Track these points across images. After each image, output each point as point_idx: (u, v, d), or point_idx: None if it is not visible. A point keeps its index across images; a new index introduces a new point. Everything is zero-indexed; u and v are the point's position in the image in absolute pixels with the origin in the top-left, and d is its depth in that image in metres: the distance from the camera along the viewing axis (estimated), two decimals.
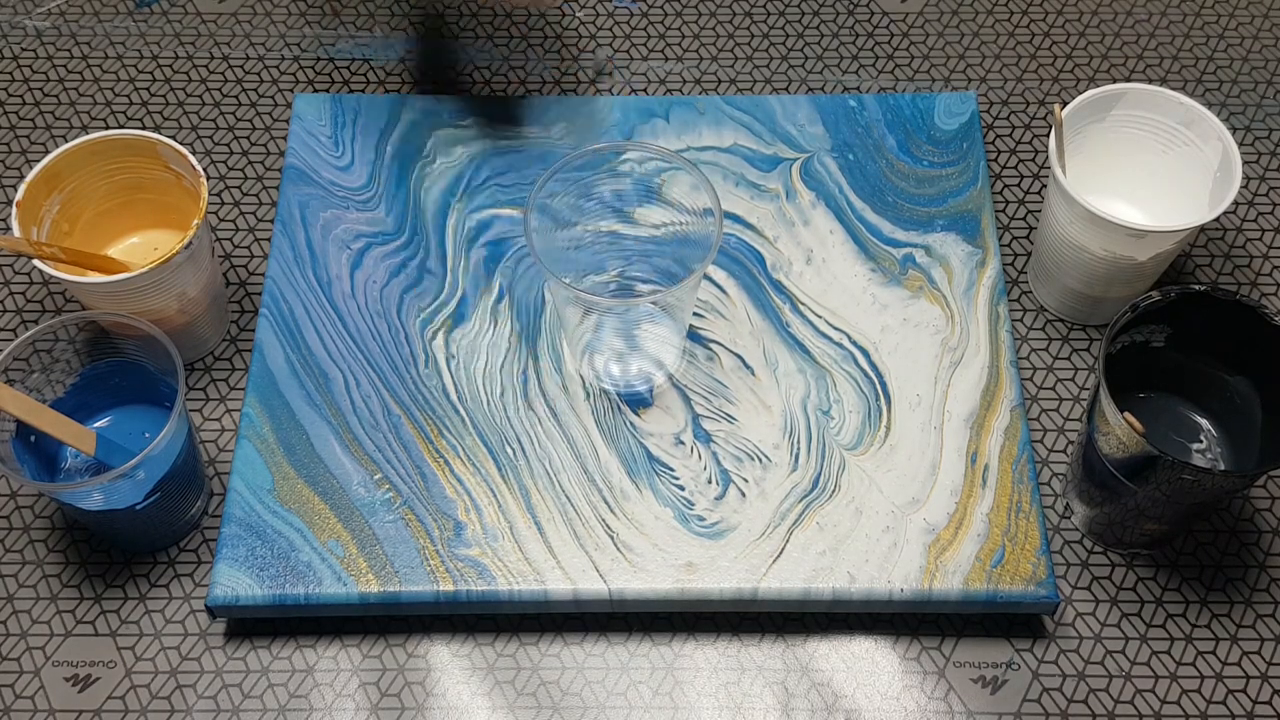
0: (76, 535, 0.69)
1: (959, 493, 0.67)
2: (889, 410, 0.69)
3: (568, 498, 0.66)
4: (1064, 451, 0.71)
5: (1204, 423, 0.68)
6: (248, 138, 0.82)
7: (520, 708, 0.64)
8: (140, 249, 0.73)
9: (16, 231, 0.67)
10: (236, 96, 0.83)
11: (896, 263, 0.73)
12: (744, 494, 0.67)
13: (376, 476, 0.67)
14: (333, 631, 0.66)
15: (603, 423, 0.69)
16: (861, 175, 0.76)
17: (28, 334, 0.64)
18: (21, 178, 0.76)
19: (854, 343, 0.71)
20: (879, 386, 0.70)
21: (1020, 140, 0.82)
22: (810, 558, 0.65)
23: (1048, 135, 0.80)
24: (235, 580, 0.64)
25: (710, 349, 0.71)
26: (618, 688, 0.65)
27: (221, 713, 0.64)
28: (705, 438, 0.68)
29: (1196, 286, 0.63)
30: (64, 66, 0.84)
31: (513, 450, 0.68)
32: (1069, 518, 0.69)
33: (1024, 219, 0.79)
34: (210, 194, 0.79)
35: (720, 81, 0.84)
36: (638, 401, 0.69)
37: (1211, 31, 0.87)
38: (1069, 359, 0.74)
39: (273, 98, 0.83)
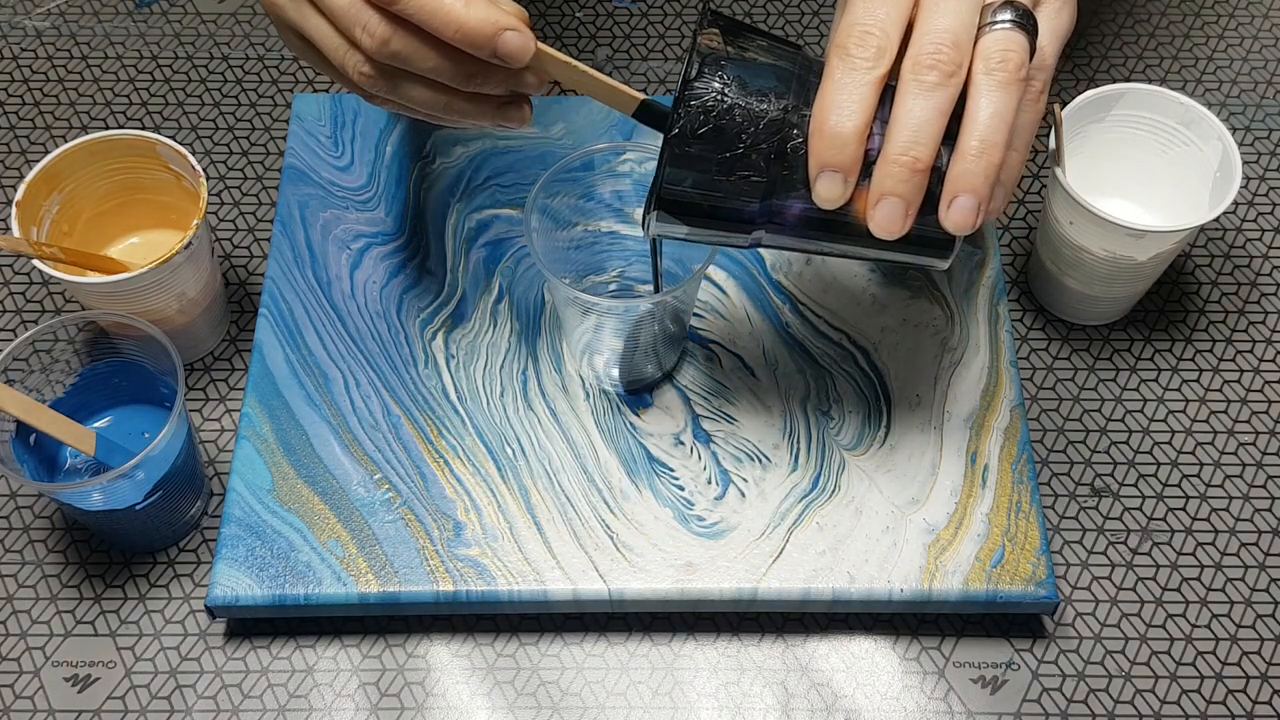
0: (76, 535, 0.69)
1: (959, 493, 0.67)
2: (889, 410, 0.69)
3: (567, 498, 0.66)
4: (1064, 452, 0.71)
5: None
6: (248, 138, 0.82)
7: (520, 708, 0.64)
8: (140, 249, 0.73)
9: (16, 231, 0.67)
10: (236, 96, 0.83)
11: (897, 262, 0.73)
12: (744, 494, 0.67)
13: (376, 476, 0.67)
14: (332, 631, 0.66)
15: (602, 423, 0.69)
16: None
17: (27, 334, 0.64)
18: (21, 178, 0.76)
19: (854, 343, 0.71)
20: (879, 386, 0.70)
21: None
22: (810, 558, 0.65)
23: (1048, 135, 0.80)
24: (235, 580, 0.64)
25: (710, 349, 0.71)
26: (618, 688, 0.65)
27: (221, 713, 0.64)
28: (705, 438, 0.68)
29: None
30: (64, 66, 0.84)
31: (512, 450, 0.68)
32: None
33: (1024, 219, 0.79)
34: (210, 194, 0.79)
35: None
36: (637, 402, 0.69)
37: (1211, 31, 0.87)
38: (1069, 359, 0.74)
39: (273, 98, 0.83)
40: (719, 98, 0.52)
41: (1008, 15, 0.53)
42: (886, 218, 0.52)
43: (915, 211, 0.52)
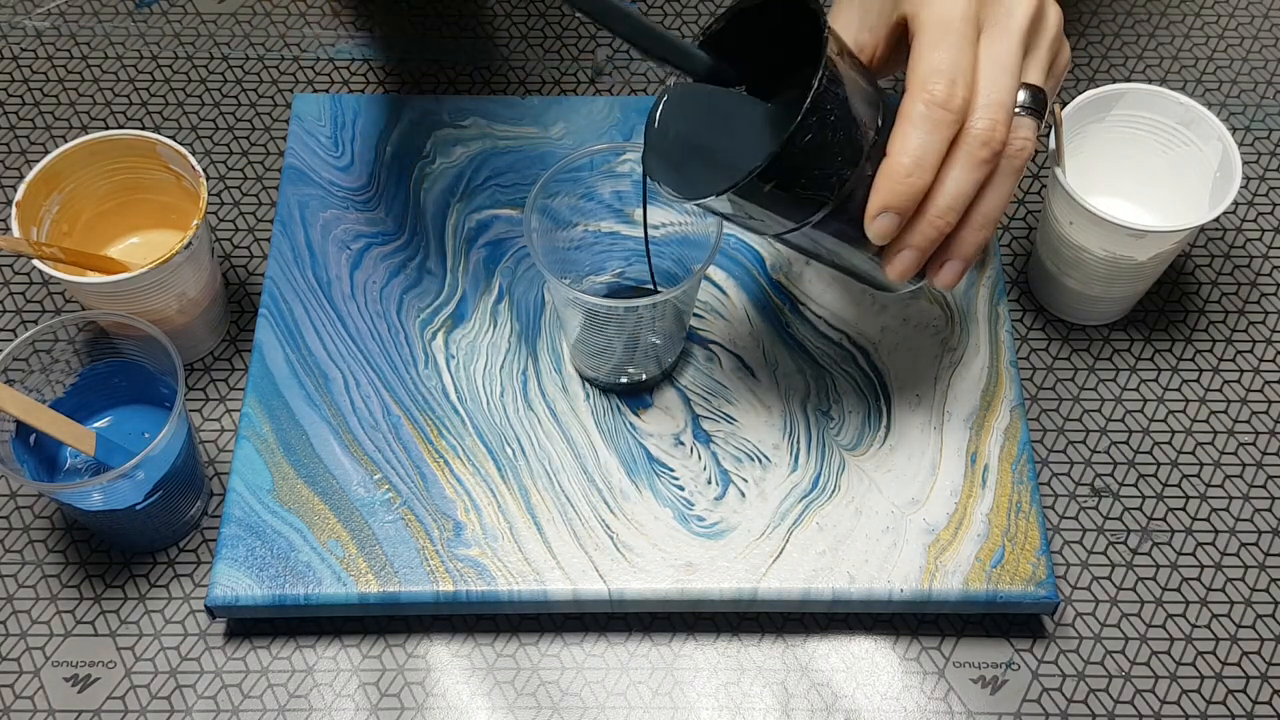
0: (76, 535, 0.69)
1: (959, 493, 0.67)
2: (889, 410, 0.69)
3: (567, 498, 0.66)
4: (1064, 452, 0.71)
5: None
6: (248, 138, 0.82)
7: (520, 708, 0.64)
8: (140, 249, 0.73)
9: (16, 231, 0.67)
10: (236, 96, 0.83)
11: None
12: (744, 494, 0.67)
13: (376, 476, 0.67)
14: (332, 631, 0.66)
15: (602, 423, 0.69)
16: None
17: (27, 334, 0.64)
18: (21, 178, 0.76)
19: (854, 343, 0.71)
20: (879, 387, 0.70)
21: None
22: (810, 558, 0.65)
23: (1048, 135, 0.80)
24: (235, 580, 0.64)
25: (710, 349, 0.71)
26: (617, 688, 0.65)
27: (221, 713, 0.64)
28: (705, 438, 0.68)
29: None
30: (64, 66, 0.84)
31: (512, 450, 0.68)
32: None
33: (1024, 219, 0.79)
34: (210, 194, 0.79)
35: None
36: (637, 402, 0.69)
37: (1211, 31, 0.87)
38: (1069, 359, 0.74)
39: (273, 98, 0.83)
40: (830, 115, 0.52)
41: (1024, 99, 0.56)
42: (904, 265, 0.56)
43: (924, 262, 0.57)
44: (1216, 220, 0.77)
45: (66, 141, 0.75)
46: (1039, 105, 0.56)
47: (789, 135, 0.51)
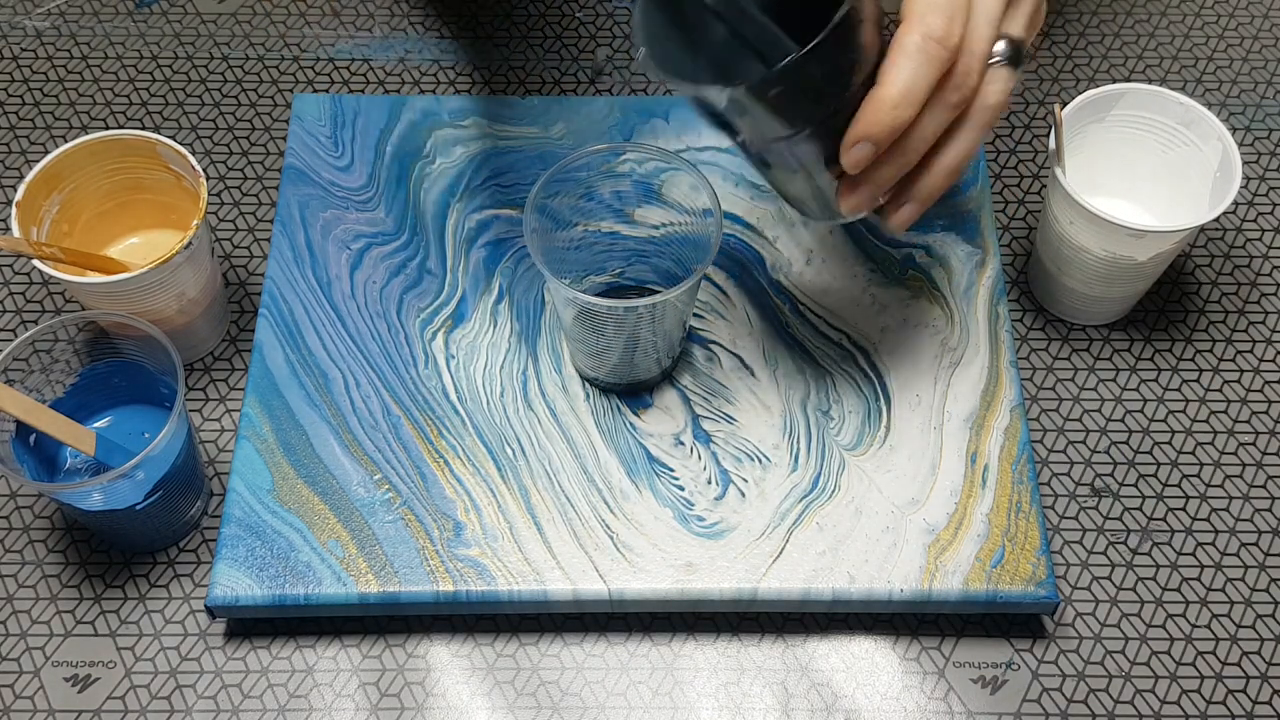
0: (76, 535, 0.69)
1: (959, 493, 0.67)
2: (889, 410, 0.69)
3: (567, 498, 0.66)
4: (1064, 452, 0.71)
5: None
6: (248, 138, 0.82)
7: (520, 708, 0.64)
8: (140, 249, 0.73)
9: (16, 232, 0.67)
10: (236, 96, 0.83)
11: (896, 263, 0.73)
12: (744, 494, 0.67)
13: (376, 477, 0.67)
14: (332, 631, 0.66)
15: (602, 423, 0.69)
16: None
17: (27, 334, 0.64)
18: (21, 178, 0.76)
19: (854, 343, 0.71)
20: (879, 387, 0.70)
21: (1020, 140, 0.82)
22: (810, 558, 0.65)
23: (1048, 135, 0.80)
24: (235, 580, 0.64)
25: (710, 349, 0.71)
26: (617, 688, 0.65)
27: (221, 713, 0.64)
28: (705, 438, 0.68)
29: None
30: (64, 66, 0.84)
31: (512, 450, 0.68)
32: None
33: (1024, 219, 0.79)
34: (210, 194, 0.79)
35: None
36: (637, 402, 0.69)
37: (1211, 31, 0.87)
38: (1069, 359, 0.74)
39: (272, 98, 0.83)
40: (858, 27, 0.51)
41: (1003, 49, 0.55)
42: (859, 199, 0.56)
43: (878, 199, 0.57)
44: (1216, 220, 0.77)
45: (66, 141, 0.75)
46: (1016, 53, 0.56)
47: (823, 38, 0.50)
